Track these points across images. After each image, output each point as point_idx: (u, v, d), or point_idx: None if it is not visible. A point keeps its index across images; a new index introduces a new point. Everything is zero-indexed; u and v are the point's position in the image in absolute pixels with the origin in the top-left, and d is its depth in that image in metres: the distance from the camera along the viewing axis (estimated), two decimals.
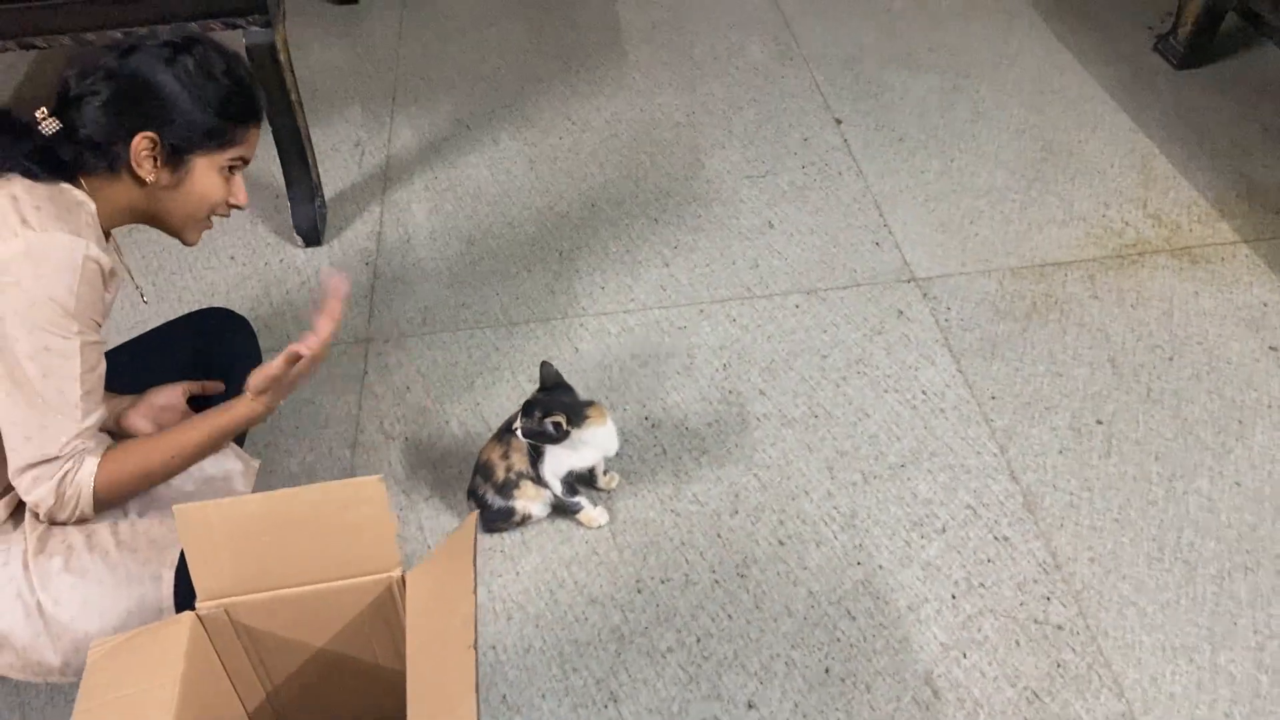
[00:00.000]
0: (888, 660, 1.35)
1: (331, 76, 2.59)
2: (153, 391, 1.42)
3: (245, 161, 1.27)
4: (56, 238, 1.11)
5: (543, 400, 1.44)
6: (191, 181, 1.23)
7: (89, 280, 1.14)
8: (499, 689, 1.35)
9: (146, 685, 1.03)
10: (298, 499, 1.10)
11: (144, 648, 1.07)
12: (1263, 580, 1.42)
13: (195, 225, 1.28)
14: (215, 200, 1.26)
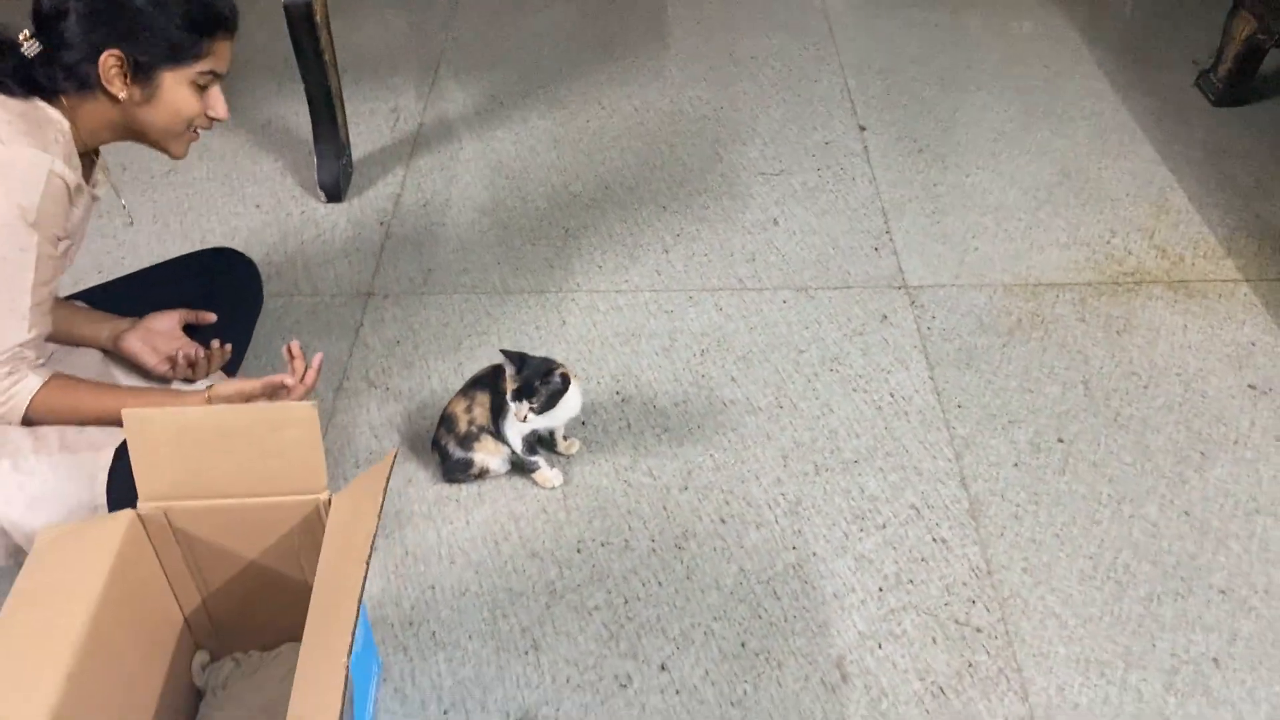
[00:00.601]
0: (803, 642, 1.39)
1: (381, 47, 2.69)
2: (151, 317, 1.52)
3: (217, 75, 1.32)
4: (23, 151, 1.19)
5: (537, 366, 1.50)
6: (162, 96, 1.29)
7: (53, 195, 1.22)
8: (430, 626, 1.42)
9: (80, 572, 1.12)
10: (236, 415, 1.18)
11: (85, 538, 1.16)
12: (1190, 607, 1.42)
13: (175, 139, 1.35)
14: (189, 114, 1.32)
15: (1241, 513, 1.54)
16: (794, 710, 1.32)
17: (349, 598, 1.01)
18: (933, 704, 1.33)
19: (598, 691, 1.34)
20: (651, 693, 1.34)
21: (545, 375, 1.48)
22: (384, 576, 1.48)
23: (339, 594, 1.03)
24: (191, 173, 2.26)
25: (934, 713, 1.32)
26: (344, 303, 1.93)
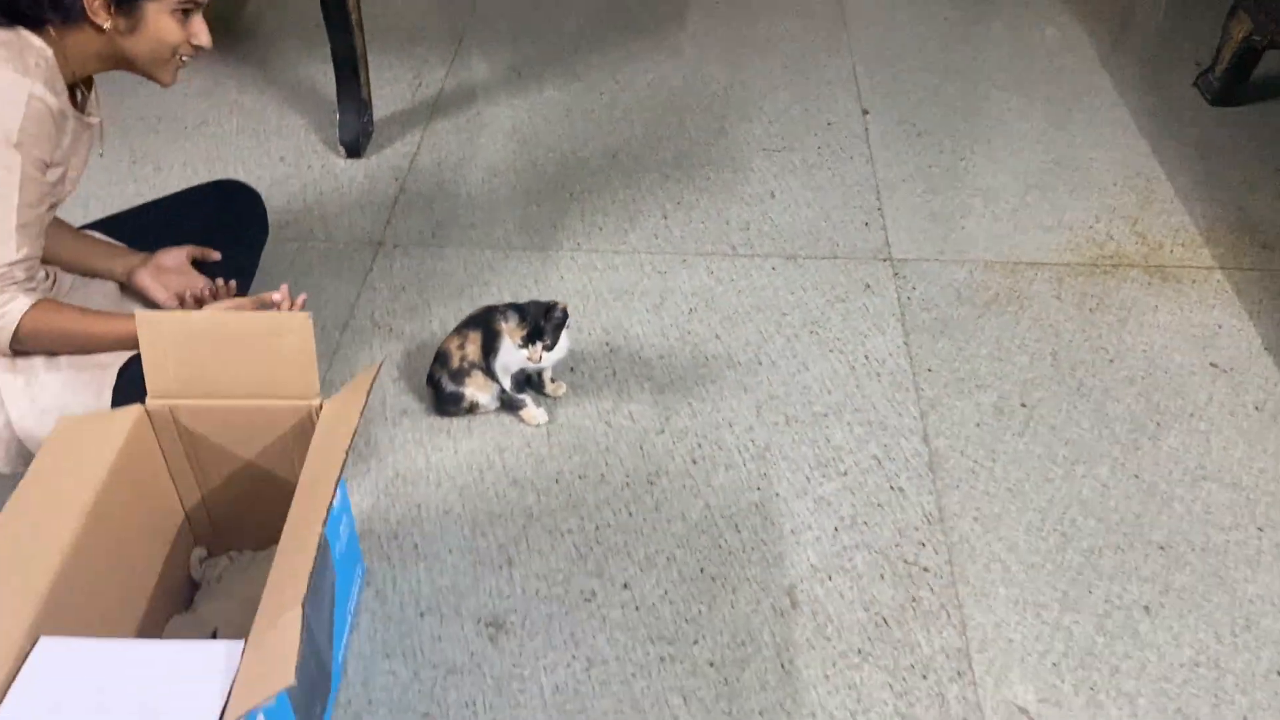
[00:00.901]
0: (758, 571, 1.49)
1: (410, 16, 2.81)
2: (161, 253, 1.61)
3: (197, 5, 1.39)
4: (4, 74, 1.25)
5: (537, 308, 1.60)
6: (146, 26, 1.35)
7: (34, 117, 1.28)
8: (413, 539, 1.52)
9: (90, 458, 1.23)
10: (239, 321, 1.29)
11: (97, 427, 1.27)
12: (1129, 559, 1.50)
13: (162, 66, 1.41)
14: (173, 42, 1.38)
15: (1189, 478, 1.62)
16: (744, 630, 1.41)
17: (328, 477, 1.12)
18: (875, 632, 1.42)
19: (564, 603, 1.44)
20: (613, 607, 1.44)
21: (547, 313, 1.58)
22: (373, 495, 1.59)
23: (320, 475, 1.14)
24: (222, 125, 2.39)
25: (875, 640, 1.41)
26: (356, 250, 2.05)
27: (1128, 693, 1.35)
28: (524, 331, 1.58)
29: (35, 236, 1.35)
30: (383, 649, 1.39)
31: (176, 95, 2.45)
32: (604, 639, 1.40)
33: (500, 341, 1.63)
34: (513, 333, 1.59)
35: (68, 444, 1.25)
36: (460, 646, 1.39)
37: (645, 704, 1.33)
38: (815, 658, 1.38)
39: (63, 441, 1.25)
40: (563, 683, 1.35)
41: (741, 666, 1.37)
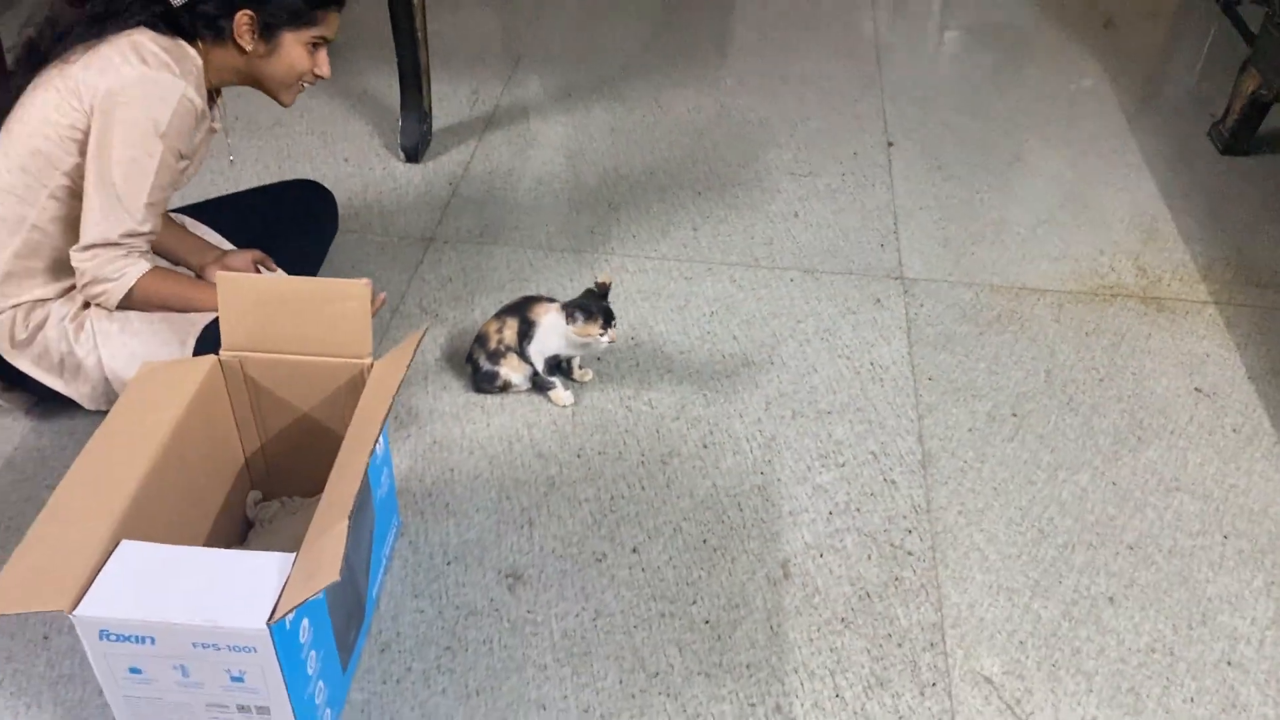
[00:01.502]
0: (756, 545, 1.63)
1: (471, 37, 3.02)
2: (230, 255, 1.81)
3: (326, 40, 1.63)
4: (163, 75, 1.50)
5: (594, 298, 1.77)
6: (281, 53, 1.60)
7: (181, 114, 1.52)
8: (444, 498, 1.69)
9: (168, 398, 1.40)
10: (306, 286, 1.47)
11: (176, 372, 1.45)
12: (1099, 556, 1.63)
13: (287, 89, 1.67)
14: (301, 70, 1.64)
15: (1164, 488, 1.74)
16: (739, 595, 1.56)
17: (375, 421, 1.29)
18: (858, 604, 1.55)
19: (577, 562, 1.59)
20: (621, 568, 1.59)
21: (604, 298, 1.75)
22: (412, 458, 1.75)
23: (368, 421, 1.31)
24: (293, 127, 2.59)
25: (858, 610, 1.54)
26: (409, 244, 2.23)
27: (1086, 671, 1.47)
28: (598, 322, 1.73)
29: (157, 215, 1.58)
30: (412, 590, 1.55)
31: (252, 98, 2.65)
32: (611, 595, 1.55)
33: (536, 329, 1.80)
34: (585, 329, 1.74)
35: (151, 384, 1.43)
36: (481, 593, 1.55)
37: (645, 652, 1.47)
38: (802, 623, 1.52)
39: (146, 381, 1.43)
40: (571, 629, 1.50)
41: (734, 626, 1.51)
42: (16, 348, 1.63)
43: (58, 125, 1.53)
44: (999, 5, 3.38)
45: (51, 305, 1.63)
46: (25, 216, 1.57)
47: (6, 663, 1.43)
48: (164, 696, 1.22)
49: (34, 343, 1.62)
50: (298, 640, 1.20)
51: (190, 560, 1.22)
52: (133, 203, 1.53)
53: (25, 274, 1.61)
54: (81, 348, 1.61)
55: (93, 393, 1.66)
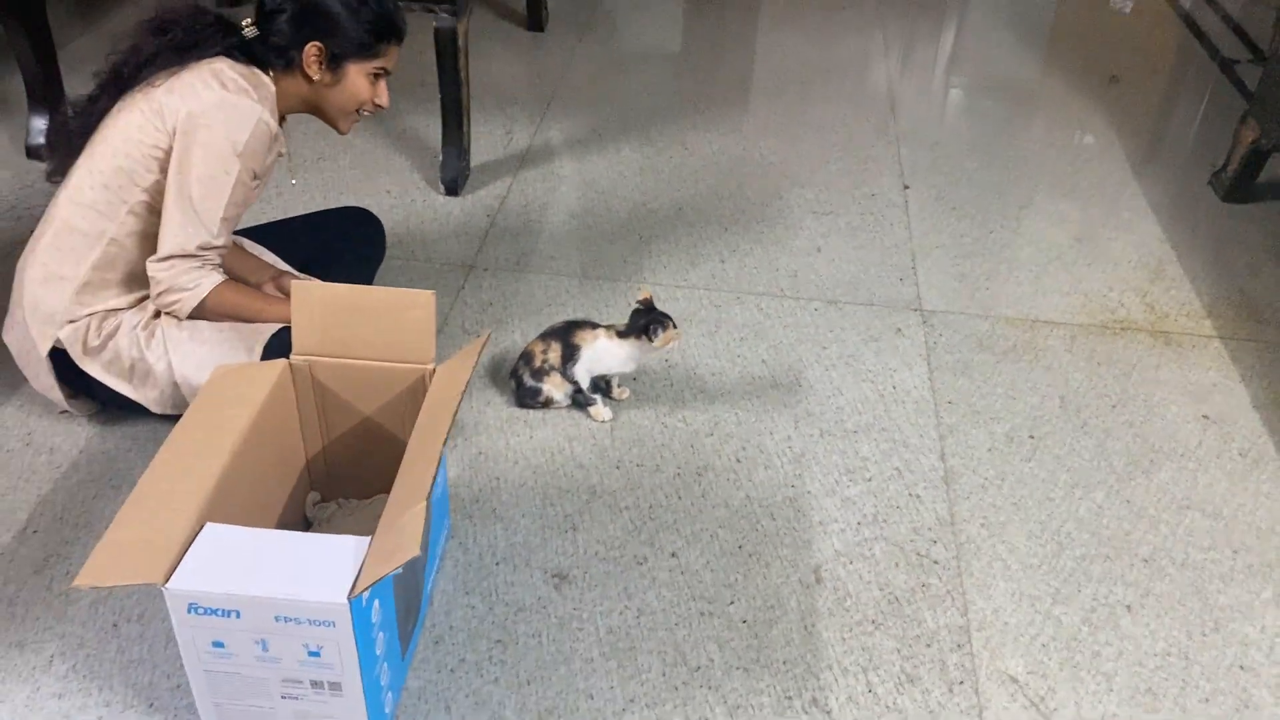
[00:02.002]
0: (789, 552, 1.71)
1: (507, 81, 3.16)
2: (285, 275, 1.90)
3: (387, 71, 1.75)
4: (242, 100, 1.61)
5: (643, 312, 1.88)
6: (346, 82, 1.72)
7: (258, 136, 1.63)
8: (491, 504, 1.77)
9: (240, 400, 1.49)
10: (374, 295, 1.57)
11: (249, 375, 1.54)
12: (1115, 568, 1.71)
13: (346, 117, 1.78)
14: (363, 99, 1.75)
15: (1176, 506, 1.83)
16: (774, 597, 1.63)
17: (445, 415, 1.38)
18: (888, 608, 1.63)
19: (619, 564, 1.67)
20: (661, 570, 1.67)
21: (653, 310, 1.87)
22: (460, 467, 1.84)
23: (437, 416, 1.40)
24: (339, 161, 2.71)
25: (887, 614, 1.62)
26: (451, 271, 2.34)
27: (1105, 672, 1.55)
28: (672, 327, 1.85)
29: (231, 229, 1.69)
30: (463, 588, 1.62)
31: (300, 133, 2.79)
32: (653, 595, 1.63)
33: (581, 353, 1.89)
34: (668, 338, 1.85)
35: (226, 384, 1.52)
36: (529, 591, 1.62)
37: (686, 648, 1.55)
38: (834, 623, 1.60)
39: (222, 382, 1.52)
40: (616, 625, 1.58)
41: (770, 625, 1.59)
42: (89, 354, 1.72)
43: (141, 144, 1.64)
44: (1007, 60, 3.54)
45: (124, 314, 1.72)
46: (105, 230, 1.68)
47: (79, 648, 1.51)
48: (242, 671, 1.29)
49: (105, 349, 1.71)
50: (370, 620, 1.28)
51: (271, 541, 1.31)
52: (209, 217, 1.64)
53: (101, 284, 1.71)
54: (152, 354, 1.70)
55: (160, 397, 1.74)
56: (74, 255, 1.68)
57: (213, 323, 1.71)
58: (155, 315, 1.73)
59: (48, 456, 1.81)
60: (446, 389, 1.46)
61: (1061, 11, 4.10)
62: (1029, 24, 3.84)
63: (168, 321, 1.72)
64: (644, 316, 1.87)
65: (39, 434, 1.85)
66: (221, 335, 1.70)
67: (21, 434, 1.85)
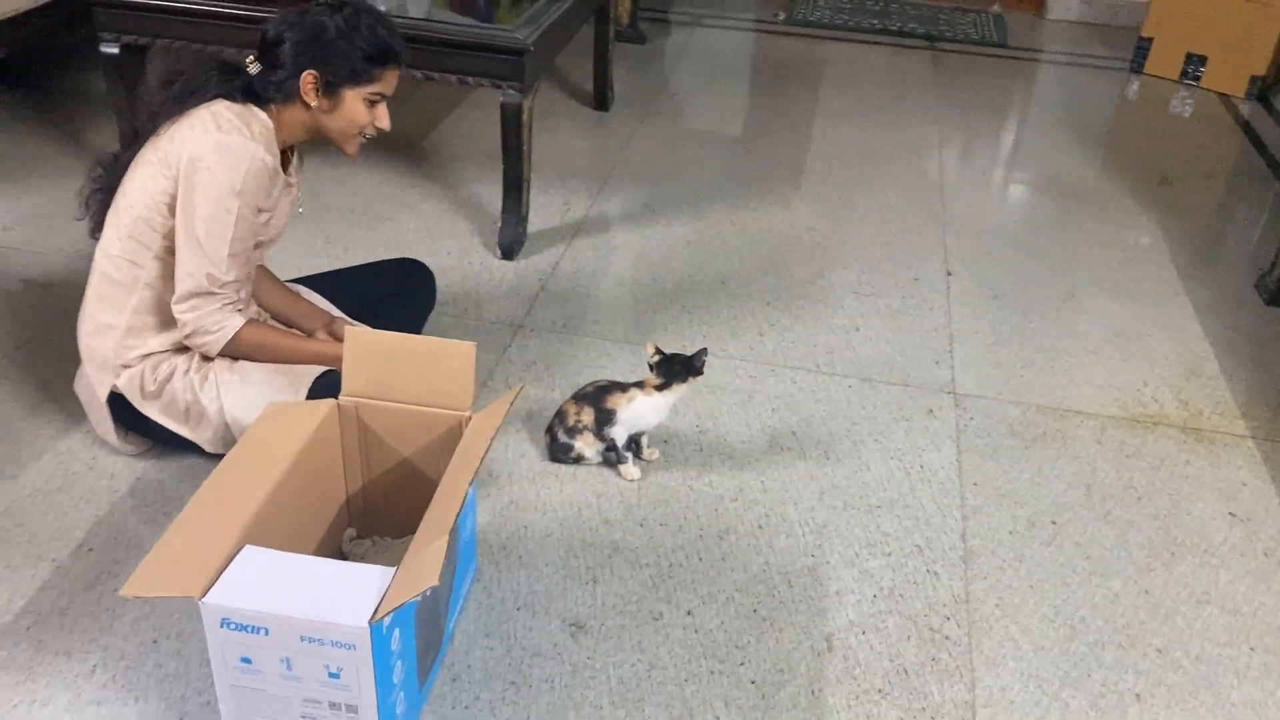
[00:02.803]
0: (803, 618, 1.75)
1: (568, 156, 3.30)
2: (338, 323, 2.01)
3: (384, 96, 1.78)
4: (236, 138, 1.68)
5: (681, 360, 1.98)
6: (343, 108, 1.76)
7: (255, 173, 1.70)
8: (517, 551, 1.84)
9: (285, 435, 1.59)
10: (418, 342, 1.67)
11: (297, 413, 1.64)
12: (1129, 656, 1.72)
13: (349, 140, 1.82)
14: (361, 123, 1.79)
15: (1194, 600, 1.84)
16: (784, 661, 1.67)
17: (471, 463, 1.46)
18: (895, 679, 1.66)
19: (635, 618, 1.73)
20: (676, 628, 1.72)
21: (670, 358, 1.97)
22: (491, 513, 1.91)
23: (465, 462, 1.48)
24: (403, 223, 2.85)
25: (895, 685, 1.65)
26: (500, 329, 2.44)
27: None
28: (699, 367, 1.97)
29: (243, 264, 1.77)
30: (484, 630, 1.69)
31: (369, 195, 2.95)
32: (665, 650, 1.68)
33: (617, 415, 1.97)
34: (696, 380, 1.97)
35: (276, 420, 1.62)
36: (546, 637, 1.68)
37: (694, 704, 1.59)
38: (841, 690, 1.63)
39: (273, 418, 1.62)
40: (627, 677, 1.63)
41: (778, 688, 1.63)
42: (146, 399, 1.83)
43: (153, 194, 1.74)
44: (1061, 157, 3.60)
45: (176, 360, 1.83)
46: (138, 277, 1.79)
47: (120, 661, 1.60)
48: (267, 688, 1.37)
49: (162, 394, 1.83)
50: (389, 647, 1.35)
51: (304, 566, 1.39)
52: (215, 254, 1.71)
53: (143, 327, 1.82)
54: (205, 396, 1.81)
55: (214, 437, 1.85)
56: (114, 304, 1.80)
57: (260, 364, 1.81)
58: (206, 359, 1.84)
59: (108, 482, 1.92)
60: (478, 436, 1.55)
61: (1121, 113, 4.16)
62: (1087, 124, 3.91)
63: (219, 365, 1.82)
64: (678, 362, 1.94)
65: (101, 461, 1.97)
66: (268, 378, 1.81)
67: (86, 459, 1.97)
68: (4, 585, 1.71)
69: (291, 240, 2.68)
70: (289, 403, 1.67)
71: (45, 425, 2.05)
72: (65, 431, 2.03)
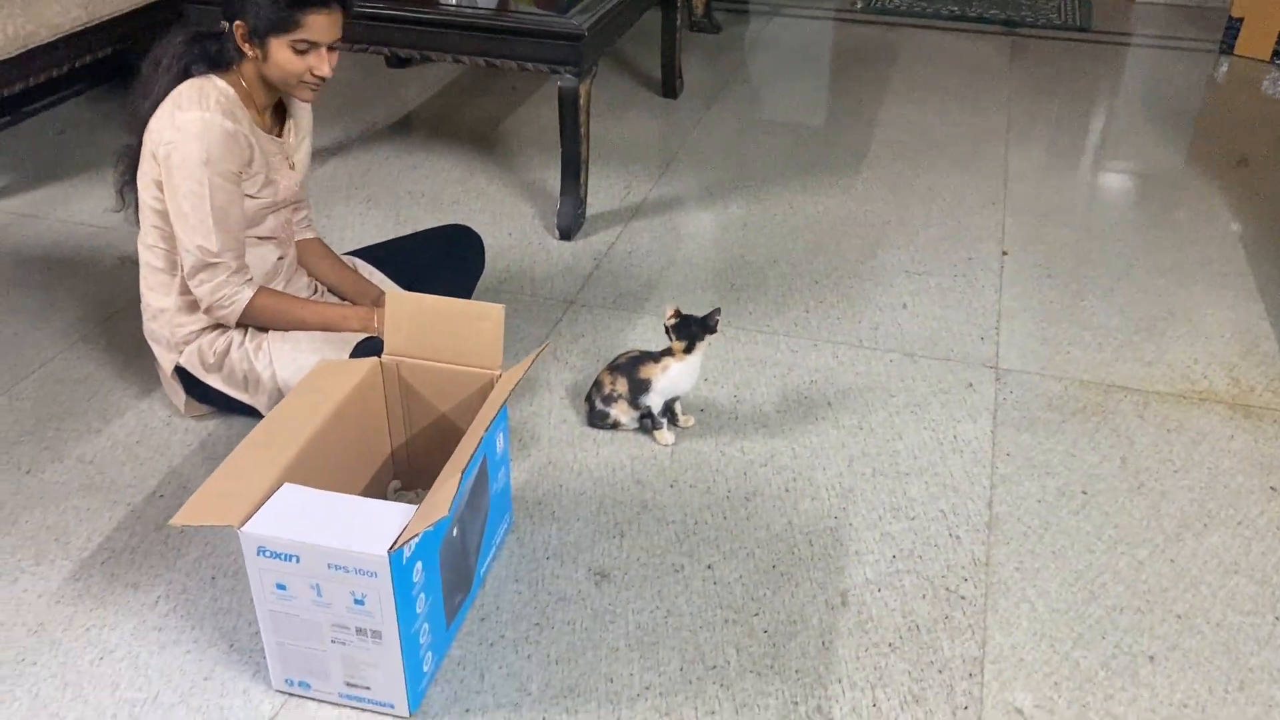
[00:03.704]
0: (820, 574, 1.81)
1: (632, 142, 3.40)
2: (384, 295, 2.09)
3: (311, 44, 1.74)
4: (194, 114, 1.75)
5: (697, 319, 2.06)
6: (272, 58, 1.76)
7: (218, 141, 1.75)
8: (550, 507, 1.94)
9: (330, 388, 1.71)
10: (453, 304, 1.77)
11: (343, 369, 1.77)
12: (1146, 621, 1.73)
13: (295, 88, 1.81)
14: (294, 72, 1.76)
15: (1222, 570, 1.83)
16: (798, 613, 1.73)
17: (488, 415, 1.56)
18: (907, 634, 1.70)
19: (657, 570, 1.81)
20: (695, 579, 1.79)
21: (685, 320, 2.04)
22: (529, 473, 2.02)
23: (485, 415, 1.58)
24: (469, 205, 2.99)
25: (905, 640, 1.69)
26: (553, 305, 2.55)
27: (1115, 715, 1.57)
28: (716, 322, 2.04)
29: (229, 230, 1.81)
30: (514, 575, 1.79)
31: (440, 180, 3.09)
32: (684, 600, 1.75)
33: (652, 384, 2.05)
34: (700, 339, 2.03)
35: (323, 375, 1.75)
36: (571, 585, 1.78)
37: (707, 649, 1.67)
38: (851, 643, 1.68)
39: (321, 373, 1.75)
40: (645, 623, 1.71)
41: (789, 638, 1.69)
42: (208, 371, 1.99)
43: (152, 182, 1.85)
44: (1137, 141, 3.54)
45: (231, 334, 1.97)
46: (174, 260, 1.93)
47: (181, 594, 1.75)
48: (300, 613, 1.49)
49: (222, 366, 1.98)
50: (411, 578, 1.46)
51: (335, 503, 1.51)
52: (201, 226, 1.78)
53: (190, 306, 1.96)
54: (260, 364, 1.96)
55: (269, 401, 1.99)
56: (161, 288, 1.96)
57: (310, 334, 1.94)
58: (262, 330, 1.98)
59: (181, 437, 2.09)
60: (502, 391, 1.65)
61: (1206, 95, 4.05)
62: (1168, 107, 3.83)
63: (272, 335, 1.96)
64: (694, 323, 2.01)
65: (176, 419, 2.14)
66: (315, 345, 1.94)
67: (163, 417, 2.15)
68: (84, 524, 1.88)
69: (365, 221, 2.85)
70: (338, 360, 1.80)
71: (129, 386, 2.23)
72: (146, 393, 2.21)
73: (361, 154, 3.21)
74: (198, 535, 1.85)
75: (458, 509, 1.55)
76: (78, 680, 1.60)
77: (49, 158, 3.27)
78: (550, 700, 1.57)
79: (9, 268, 2.67)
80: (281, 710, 1.55)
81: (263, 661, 1.60)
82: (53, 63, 3.05)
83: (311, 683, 1.55)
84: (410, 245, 2.30)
